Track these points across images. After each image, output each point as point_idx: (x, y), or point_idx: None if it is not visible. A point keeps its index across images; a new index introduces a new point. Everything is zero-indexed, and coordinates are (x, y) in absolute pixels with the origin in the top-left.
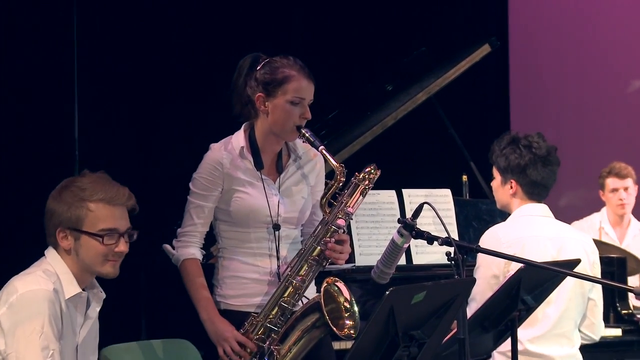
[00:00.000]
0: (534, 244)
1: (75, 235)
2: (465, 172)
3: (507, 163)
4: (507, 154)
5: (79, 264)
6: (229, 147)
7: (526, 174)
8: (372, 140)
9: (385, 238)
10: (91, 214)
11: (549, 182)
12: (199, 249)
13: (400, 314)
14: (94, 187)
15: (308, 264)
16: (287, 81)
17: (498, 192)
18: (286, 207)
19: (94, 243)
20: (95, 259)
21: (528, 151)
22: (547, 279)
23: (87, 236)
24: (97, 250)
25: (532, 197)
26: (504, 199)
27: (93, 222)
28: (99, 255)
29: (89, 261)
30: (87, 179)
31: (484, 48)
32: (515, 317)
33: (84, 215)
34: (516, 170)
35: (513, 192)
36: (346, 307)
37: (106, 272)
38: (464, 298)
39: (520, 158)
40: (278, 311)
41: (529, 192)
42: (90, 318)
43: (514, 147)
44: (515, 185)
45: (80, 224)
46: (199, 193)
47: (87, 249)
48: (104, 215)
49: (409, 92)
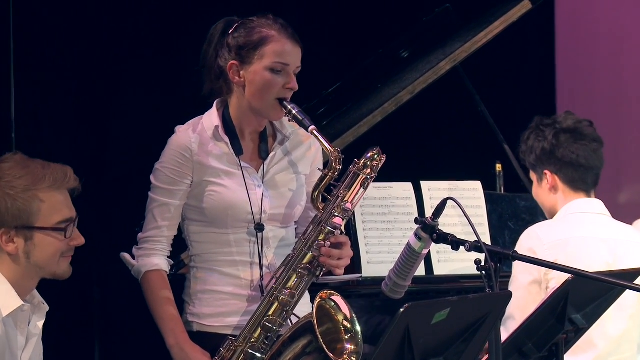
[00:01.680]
0: (582, 247)
1: (26, 235)
2: (499, 160)
3: (534, 154)
4: (531, 144)
5: (25, 270)
6: (198, 129)
7: (556, 157)
8: (382, 120)
9: (399, 242)
10: (44, 205)
11: (587, 161)
12: (165, 258)
13: (417, 337)
14: (35, 173)
15: (297, 273)
16: (265, 43)
17: (539, 195)
18: (272, 201)
19: (51, 240)
20: (53, 258)
21: (551, 129)
22: (601, 294)
23: (42, 233)
24: (56, 248)
25: (576, 186)
26: (546, 200)
27: (47, 215)
28: (57, 252)
29: (43, 263)
30: (12, 164)
31: (523, 4)
32: (561, 341)
33: (35, 209)
34: (545, 157)
35: (551, 185)
36: (346, 327)
37: (62, 271)
38: (497, 317)
39: (544, 140)
40: (262, 333)
41: (568, 179)
42: (33, 336)
43: (537, 132)
44: (550, 176)
45: (31, 219)
46: (163, 188)
47: (43, 249)
48: (57, 203)
49: (430, 60)
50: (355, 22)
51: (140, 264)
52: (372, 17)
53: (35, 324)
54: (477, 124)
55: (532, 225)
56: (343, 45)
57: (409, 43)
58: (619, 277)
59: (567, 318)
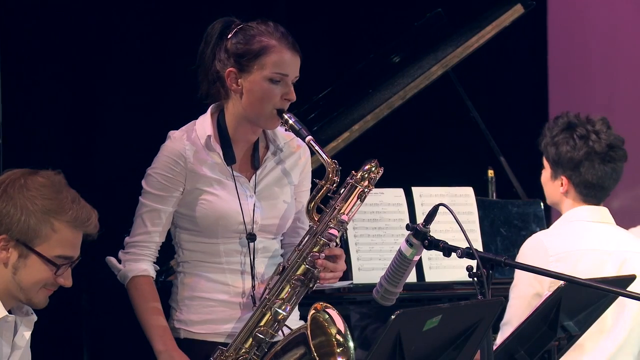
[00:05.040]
0: (589, 260)
1: (22, 252)
2: (491, 165)
3: (557, 155)
4: (558, 143)
5: (9, 284)
6: (192, 136)
7: (579, 172)
8: (374, 125)
9: (390, 249)
10: (54, 235)
11: (608, 182)
12: (152, 264)
13: (409, 344)
14: (62, 202)
15: (291, 284)
16: (265, 52)
17: (547, 186)
18: (264, 212)
19: (41, 268)
20: (35, 286)
21: (584, 143)
22: (594, 301)
23: (39, 258)
24: (42, 277)
25: (588, 199)
26: (554, 196)
27: (51, 245)
28: (41, 282)
29: (25, 285)
30: (47, 181)
31: (515, 9)
32: (553, 348)
33: (43, 234)
34: (568, 166)
35: (564, 190)
36: (339, 340)
37: (37, 301)
38: (489, 324)
39: (574, 151)
40: (253, 343)
41: (583, 193)
42: (19, 347)
43: (568, 136)
44: (566, 183)
45: (35, 241)
46: (155, 194)
47: (31, 272)
48: (66, 240)
49: (421, 65)
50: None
51: (127, 269)
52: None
53: (22, 334)
54: (469, 130)
55: (525, 232)
56: (334, 49)
57: (400, 48)
58: (611, 284)
59: (559, 325)
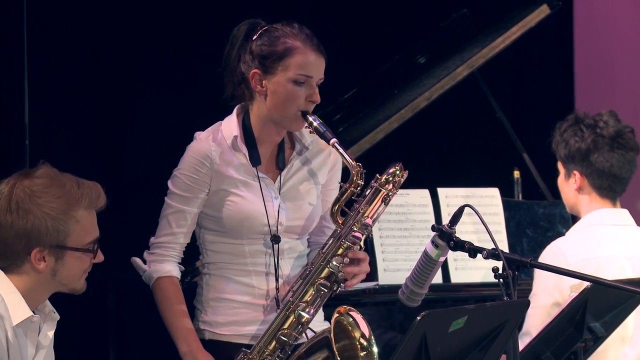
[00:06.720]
0: (611, 267)
1: (57, 254)
2: (517, 166)
3: (567, 150)
4: (567, 139)
5: (45, 284)
6: (218, 137)
7: (589, 161)
8: (399, 126)
9: (415, 250)
10: (78, 226)
11: (621, 171)
12: (177, 265)
13: (434, 345)
14: (72, 194)
15: (315, 288)
16: (290, 54)
17: (563, 189)
18: (289, 213)
19: (81, 259)
20: (77, 276)
21: (591, 131)
22: (620, 302)
23: (75, 253)
24: (82, 267)
25: (603, 192)
26: (570, 197)
27: (80, 236)
28: (82, 272)
29: (67, 281)
30: (46, 180)
31: (541, 9)
32: (580, 349)
33: (70, 230)
34: (578, 157)
35: (578, 186)
36: (362, 344)
37: (80, 287)
38: (515, 325)
39: (582, 141)
40: (276, 346)
41: (597, 185)
42: (43, 347)
43: (575, 129)
44: (579, 177)
45: (66, 240)
46: (181, 195)
47: (71, 268)
48: (89, 224)
49: (447, 66)
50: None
51: (152, 270)
52: (388, 22)
53: (45, 333)
54: (495, 130)
55: (551, 233)
56: (359, 50)
57: (425, 49)
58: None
59: (585, 326)
